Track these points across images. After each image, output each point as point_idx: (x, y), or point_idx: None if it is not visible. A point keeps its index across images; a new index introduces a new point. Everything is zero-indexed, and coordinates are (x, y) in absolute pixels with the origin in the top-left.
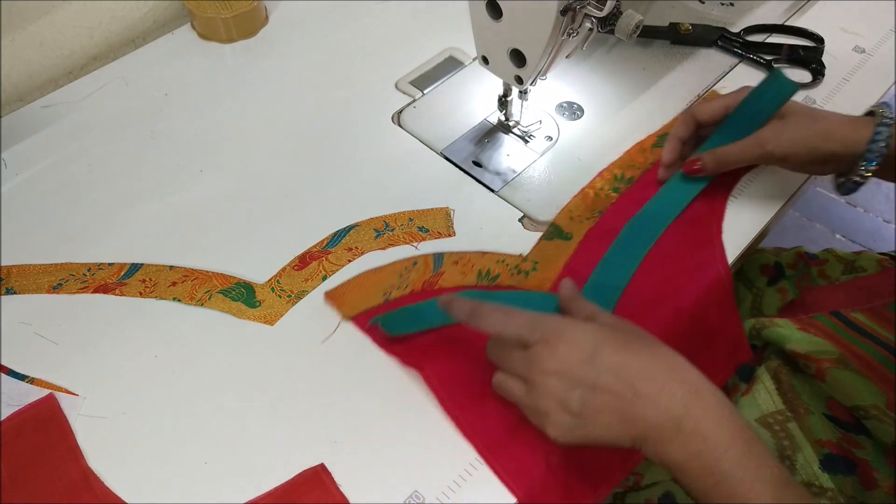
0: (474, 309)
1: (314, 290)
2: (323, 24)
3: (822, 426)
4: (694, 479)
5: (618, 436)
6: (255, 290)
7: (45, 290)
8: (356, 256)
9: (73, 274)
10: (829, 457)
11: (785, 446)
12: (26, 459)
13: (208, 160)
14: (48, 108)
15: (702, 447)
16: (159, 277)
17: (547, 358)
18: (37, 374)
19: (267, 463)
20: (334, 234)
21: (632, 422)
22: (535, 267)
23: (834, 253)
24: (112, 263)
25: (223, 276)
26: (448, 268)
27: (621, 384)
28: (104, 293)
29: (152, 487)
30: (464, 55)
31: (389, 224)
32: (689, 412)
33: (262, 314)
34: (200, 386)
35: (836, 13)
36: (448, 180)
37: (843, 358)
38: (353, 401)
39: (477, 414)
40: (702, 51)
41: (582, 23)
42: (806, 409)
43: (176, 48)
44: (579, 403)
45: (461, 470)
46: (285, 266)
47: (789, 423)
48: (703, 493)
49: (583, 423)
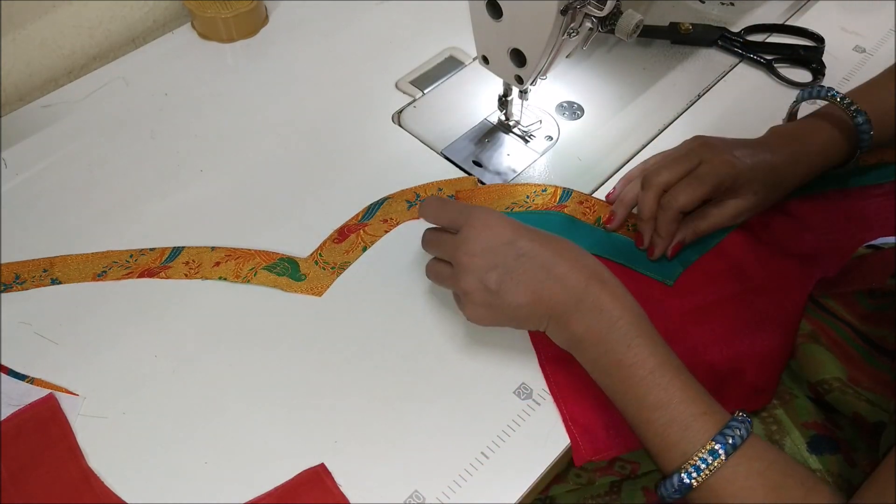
0: (421, 205)
1: (356, 260)
2: (323, 24)
3: (806, 408)
4: (587, 350)
5: (528, 316)
6: (300, 264)
7: (91, 278)
8: (392, 227)
9: (116, 261)
10: (815, 438)
11: (773, 431)
12: (26, 459)
13: (208, 160)
14: (48, 108)
15: (597, 318)
16: (202, 258)
17: (472, 240)
18: (37, 374)
19: (267, 463)
20: (368, 207)
21: (542, 301)
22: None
23: None
24: (153, 248)
25: (266, 252)
26: (572, 205)
27: (536, 266)
28: (150, 277)
29: (152, 487)
30: (464, 55)
31: (420, 195)
32: (588, 290)
33: (308, 286)
34: (201, 386)
35: (836, 13)
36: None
37: (813, 333)
38: (354, 400)
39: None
40: (702, 51)
41: (582, 23)
42: (791, 394)
43: (176, 48)
44: (497, 282)
45: (461, 470)
46: (325, 240)
47: (776, 410)
48: (594, 361)
49: (498, 303)
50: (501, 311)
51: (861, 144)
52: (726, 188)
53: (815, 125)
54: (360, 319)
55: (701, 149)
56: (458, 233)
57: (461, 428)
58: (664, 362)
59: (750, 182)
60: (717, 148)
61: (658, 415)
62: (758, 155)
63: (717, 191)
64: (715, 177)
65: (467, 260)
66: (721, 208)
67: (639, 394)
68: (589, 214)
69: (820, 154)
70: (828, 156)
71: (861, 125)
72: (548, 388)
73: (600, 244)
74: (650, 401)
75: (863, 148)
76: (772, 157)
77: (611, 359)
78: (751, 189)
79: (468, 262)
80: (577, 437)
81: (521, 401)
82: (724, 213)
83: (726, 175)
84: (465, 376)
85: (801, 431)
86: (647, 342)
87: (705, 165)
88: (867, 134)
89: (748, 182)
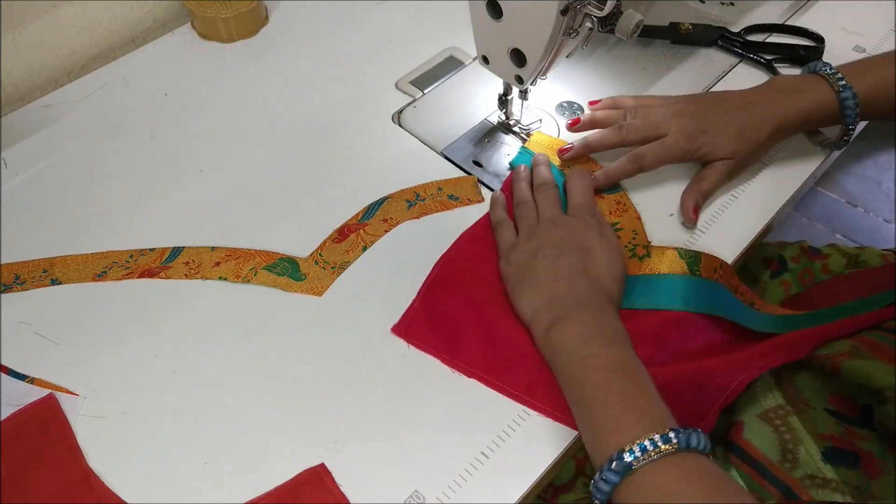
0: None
1: (356, 260)
2: (323, 24)
3: (823, 420)
4: (563, 354)
5: (535, 300)
6: (300, 263)
7: (90, 278)
8: (392, 227)
9: (116, 261)
10: (830, 449)
11: (787, 440)
12: (26, 459)
13: (208, 160)
14: (48, 108)
15: (586, 328)
16: (202, 258)
17: (544, 233)
18: (37, 374)
19: (267, 463)
20: (368, 207)
21: (553, 301)
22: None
23: (837, 248)
24: (153, 248)
25: (266, 252)
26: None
27: (570, 272)
28: (150, 277)
29: (152, 487)
30: (464, 55)
31: (420, 194)
32: (582, 307)
33: (308, 286)
34: (201, 386)
35: (836, 13)
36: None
37: (855, 348)
38: (354, 400)
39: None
40: (702, 51)
41: (582, 23)
42: (807, 405)
43: (176, 48)
44: (539, 264)
45: (461, 470)
46: (325, 240)
47: (790, 417)
48: (564, 370)
49: (531, 280)
50: (525, 290)
51: (846, 121)
52: (698, 157)
53: (812, 84)
54: (360, 319)
55: (674, 120)
56: (538, 224)
57: (461, 428)
58: (642, 370)
59: (722, 146)
60: (686, 117)
61: (621, 400)
62: (725, 116)
63: (685, 159)
64: (678, 150)
65: (533, 241)
66: (712, 169)
67: (613, 381)
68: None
69: (800, 112)
70: (809, 117)
71: (846, 100)
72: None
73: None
74: (618, 385)
75: (847, 123)
76: (742, 115)
77: (581, 369)
78: (727, 150)
79: (530, 245)
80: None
81: None
82: (717, 172)
83: (687, 148)
84: (465, 376)
85: (815, 441)
86: (633, 354)
87: (672, 136)
88: (851, 110)
89: (721, 146)
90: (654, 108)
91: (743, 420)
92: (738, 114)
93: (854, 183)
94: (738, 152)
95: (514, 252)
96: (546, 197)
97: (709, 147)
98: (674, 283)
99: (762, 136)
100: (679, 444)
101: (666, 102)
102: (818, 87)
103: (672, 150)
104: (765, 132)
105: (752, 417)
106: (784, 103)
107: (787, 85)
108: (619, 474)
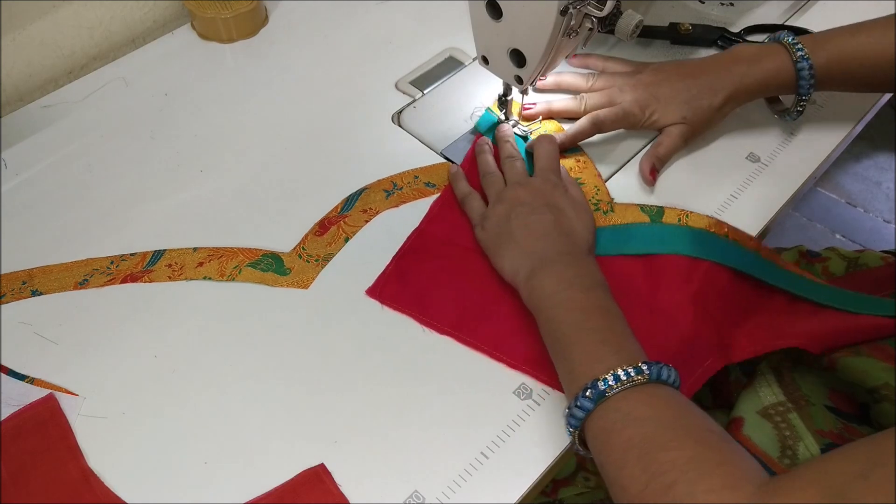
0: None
1: (339, 251)
2: (323, 24)
3: (823, 417)
4: (540, 303)
5: (515, 257)
6: (283, 259)
7: (72, 287)
8: (372, 216)
9: (97, 268)
10: (830, 446)
11: (786, 436)
12: (26, 459)
13: (208, 160)
14: (48, 108)
15: (566, 276)
16: (185, 260)
17: (512, 195)
18: (37, 374)
19: (267, 463)
20: (346, 199)
21: (532, 254)
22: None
23: (836, 251)
24: (134, 253)
25: (248, 250)
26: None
27: (545, 228)
28: (133, 282)
29: (152, 487)
30: (464, 55)
31: (397, 183)
32: (561, 257)
33: (294, 280)
34: (200, 386)
35: (836, 13)
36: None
37: (853, 346)
38: (353, 400)
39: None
40: (702, 51)
41: (582, 23)
42: (806, 401)
43: (176, 48)
44: (513, 224)
45: (461, 470)
46: (307, 234)
47: (790, 414)
48: (546, 316)
49: (508, 240)
50: (503, 246)
51: (799, 90)
52: (650, 123)
53: (772, 53)
54: (349, 311)
55: (630, 90)
56: (506, 188)
57: (461, 428)
58: (618, 312)
59: (672, 112)
60: (641, 87)
61: (597, 334)
62: (678, 83)
63: (638, 127)
64: (632, 117)
65: (503, 204)
66: (666, 134)
67: (590, 318)
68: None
69: (757, 80)
70: (766, 85)
71: (801, 70)
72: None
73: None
74: (594, 322)
75: (801, 94)
76: (696, 82)
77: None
78: (676, 116)
79: (500, 207)
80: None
81: (521, 401)
82: (670, 136)
83: (640, 115)
84: (465, 376)
85: (815, 437)
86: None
87: (627, 104)
88: (806, 81)
89: (671, 112)
90: (616, 76)
91: (743, 416)
92: (692, 81)
93: (854, 183)
94: (689, 118)
95: (487, 219)
96: (513, 166)
97: (659, 114)
98: (644, 230)
99: (715, 101)
100: (650, 375)
101: (628, 73)
102: (778, 57)
103: (627, 117)
104: (718, 98)
105: (751, 414)
106: (742, 71)
107: (747, 53)
108: (594, 401)
